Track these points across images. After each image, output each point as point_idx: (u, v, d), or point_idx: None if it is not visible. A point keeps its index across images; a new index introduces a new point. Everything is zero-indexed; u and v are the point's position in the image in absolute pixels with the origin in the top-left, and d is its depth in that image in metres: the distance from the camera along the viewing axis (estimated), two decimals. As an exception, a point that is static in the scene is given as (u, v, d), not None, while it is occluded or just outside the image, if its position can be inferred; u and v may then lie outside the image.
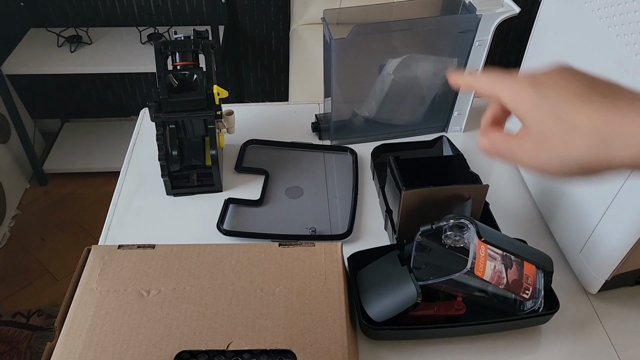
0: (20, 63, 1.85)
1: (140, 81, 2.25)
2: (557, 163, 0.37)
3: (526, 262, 0.63)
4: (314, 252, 0.65)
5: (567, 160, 0.37)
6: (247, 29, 2.12)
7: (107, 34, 2.00)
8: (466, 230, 0.62)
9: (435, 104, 0.93)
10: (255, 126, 0.98)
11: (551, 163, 0.38)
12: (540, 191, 0.80)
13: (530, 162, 0.39)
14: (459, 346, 0.64)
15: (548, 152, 0.38)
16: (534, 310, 0.62)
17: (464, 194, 0.69)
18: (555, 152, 0.37)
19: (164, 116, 0.77)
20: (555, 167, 0.38)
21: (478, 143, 0.44)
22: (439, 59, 0.87)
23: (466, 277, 0.59)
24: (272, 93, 2.33)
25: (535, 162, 0.39)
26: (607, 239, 0.64)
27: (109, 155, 2.17)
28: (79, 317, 0.58)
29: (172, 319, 0.57)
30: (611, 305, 0.69)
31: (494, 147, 0.42)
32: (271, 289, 0.61)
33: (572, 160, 0.36)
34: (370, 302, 0.63)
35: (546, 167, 0.38)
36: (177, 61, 0.81)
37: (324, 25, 0.81)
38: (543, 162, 0.38)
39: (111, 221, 0.80)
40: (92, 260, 0.64)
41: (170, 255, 0.64)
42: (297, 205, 0.83)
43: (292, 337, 0.56)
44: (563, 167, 0.37)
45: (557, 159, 0.37)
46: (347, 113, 0.93)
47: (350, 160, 0.91)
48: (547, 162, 0.38)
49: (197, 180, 0.84)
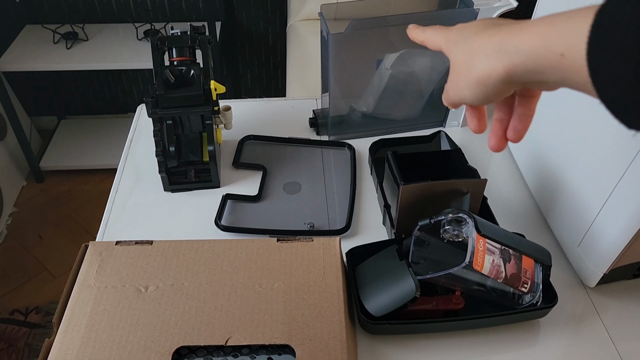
0: (16, 60, 1.84)
1: (137, 78, 2.24)
2: (465, 85, 0.44)
3: (524, 256, 0.63)
4: (313, 248, 0.64)
5: (470, 80, 0.44)
6: (244, 24, 2.11)
7: (104, 31, 1.99)
8: (464, 225, 0.62)
9: (433, 98, 0.93)
10: (252, 122, 0.97)
11: (461, 86, 0.45)
12: (538, 185, 0.80)
13: (452, 92, 0.47)
14: (458, 340, 0.64)
15: (458, 77, 0.45)
16: (532, 304, 0.63)
17: (462, 188, 0.69)
18: (463, 75, 0.45)
19: (161, 112, 0.76)
20: (464, 89, 0.45)
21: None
22: (437, 53, 0.86)
23: (465, 271, 0.59)
24: (269, 89, 2.32)
25: (454, 90, 0.47)
26: (605, 233, 0.64)
27: (106, 153, 2.16)
28: (77, 313, 0.57)
29: (170, 315, 0.57)
30: (609, 298, 0.69)
31: (443, 94, 0.51)
32: (269, 284, 0.60)
33: (473, 79, 0.43)
34: (368, 297, 0.63)
35: (460, 92, 0.46)
36: (174, 57, 0.81)
37: (321, 20, 0.80)
38: (458, 88, 0.46)
39: (109, 218, 0.80)
40: (90, 257, 0.63)
41: (168, 251, 0.64)
42: (295, 201, 0.83)
43: (291, 332, 0.56)
44: (469, 87, 0.44)
45: (464, 81, 0.44)
46: (345, 108, 0.93)
47: (348, 155, 0.91)
48: (459, 86, 0.45)
49: (194, 176, 0.83)
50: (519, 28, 0.40)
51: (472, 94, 0.44)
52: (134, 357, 0.54)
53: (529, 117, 0.48)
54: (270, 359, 0.56)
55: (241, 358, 0.56)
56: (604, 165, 0.63)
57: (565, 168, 0.71)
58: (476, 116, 0.51)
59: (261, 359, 0.56)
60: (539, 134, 0.78)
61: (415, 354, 0.63)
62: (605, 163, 0.63)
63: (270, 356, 0.56)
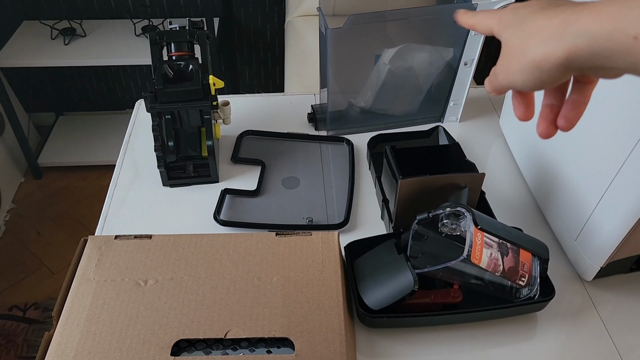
0: (14, 56, 1.84)
1: (135, 74, 2.24)
2: (517, 69, 0.42)
3: (522, 249, 0.63)
4: (311, 242, 0.65)
5: (524, 63, 0.41)
6: (242, 21, 2.11)
7: (101, 27, 1.98)
8: (463, 219, 0.63)
9: (431, 94, 0.93)
10: (251, 117, 0.98)
11: (512, 70, 0.42)
12: (536, 180, 0.80)
13: (501, 75, 0.44)
14: (456, 333, 0.65)
15: (510, 60, 0.42)
16: (529, 298, 0.63)
17: (460, 182, 0.69)
18: (516, 58, 0.42)
19: (159, 107, 0.76)
20: (516, 73, 0.42)
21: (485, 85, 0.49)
22: (435, 48, 0.87)
23: (463, 265, 0.59)
24: (267, 85, 2.32)
25: (504, 74, 0.44)
26: (602, 227, 0.64)
27: (104, 149, 2.16)
28: (76, 307, 0.58)
29: (169, 308, 0.57)
30: (606, 292, 0.70)
31: (488, 78, 0.47)
32: (268, 278, 0.61)
33: (527, 62, 0.40)
34: (367, 290, 0.64)
35: (511, 76, 0.43)
36: (173, 51, 0.81)
37: (320, 15, 0.80)
38: (509, 72, 0.43)
39: (107, 212, 0.80)
40: (89, 251, 0.64)
41: (167, 245, 0.64)
42: (294, 196, 0.83)
43: (290, 325, 0.56)
44: (522, 71, 0.41)
45: (516, 65, 0.42)
46: (343, 103, 0.93)
47: (346, 150, 0.91)
48: (510, 70, 0.43)
49: (193, 171, 0.83)
50: (584, 8, 0.37)
51: (525, 78, 0.41)
52: (133, 350, 0.54)
53: (583, 105, 0.45)
54: (269, 352, 0.56)
55: (240, 351, 0.56)
56: (601, 160, 0.63)
57: (562, 162, 0.72)
58: (524, 103, 0.48)
59: (260, 352, 0.56)
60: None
61: (413, 347, 0.64)
62: (603, 158, 0.63)
63: (269, 349, 0.57)
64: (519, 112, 0.48)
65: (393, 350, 0.63)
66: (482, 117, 0.98)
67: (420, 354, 0.63)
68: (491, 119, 0.98)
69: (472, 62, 0.88)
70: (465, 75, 0.90)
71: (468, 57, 0.87)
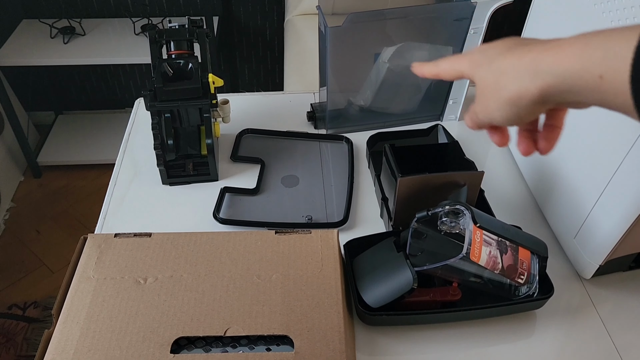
0: (13, 55, 1.83)
1: (134, 73, 2.24)
2: (495, 106, 0.43)
3: (521, 247, 0.63)
4: (311, 240, 0.65)
5: (501, 101, 0.42)
6: (241, 20, 2.11)
7: (101, 25, 1.98)
8: (462, 217, 0.63)
9: (431, 92, 0.94)
10: (250, 116, 0.98)
11: (491, 108, 0.44)
12: (535, 178, 0.81)
13: (481, 114, 0.46)
14: (455, 331, 0.65)
15: (487, 99, 0.44)
16: (528, 295, 0.63)
17: (459, 180, 0.69)
18: (492, 97, 0.43)
19: (159, 105, 0.77)
20: (495, 110, 0.44)
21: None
22: (434, 47, 0.87)
23: (462, 263, 0.59)
24: (266, 84, 2.32)
25: (483, 113, 0.45)
26: (600, 225, 0.64)
27: (103, 148, 2.16)
28: (76, 305, 0.58)
29: (169, 306, 0.58)
30: (605, 290, 0.70)
31: (468, 115, 0.49)
32: (268, 275, 0.61)
33: (503, 100, 0.42)
34: (366, 288, 0.64)
35: (490, 114, 0.44)
36: (172, 50, 0.81)
37: (319, 14, 0.81)
38: (488, 111, 0.44)
39: (107, 211, 0.80)
40: (89, 249, 0.64)
41: (167, 243, 0.64)
42: (293, 194, 0.83)
43: (289, 323, 0.56)
44: (500, 109, 0.43)
45: (494, 103, 0.43)
46: (343, 102, 0.93)
47: (345, 149, 0.91)
48: (489, 108, 0.44)
49: (192, 169, 0.84)
50: (551, 47, 0.38)
51: (504, 115, 0.43)
52: (133, 348, 0.54)
53: (558, 129, 0.46)
54: (268, 349, 0.56)
55: (240, 349, 0.56)
56: (599, 159, 0.64)
57: (561, 161, 0.72)
58: (498, 132, 0.49)
59: (260, 349, 0.56)
60: (536, 127, 0.78)
61: (412, 345, 0.64)
62: (601, 156, 0.63)
63: (269, 347, 0.57)
64: (496, 140, 0.50)
65: (392, 348, 0.63)
66: (482, 116, 0.98)
67: (419, 352, 0.63)
68: (490, 118, 0.98)
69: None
70: (464, 73, 0.90)
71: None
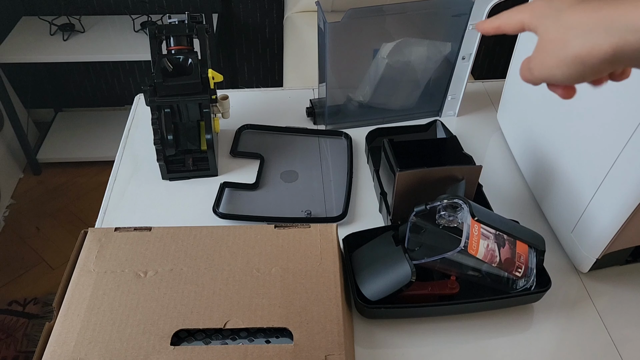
0: (13, 52, 1.83)
1: (134, 70, 2.24)
2: (555, 63, 0.40)
3: (519, 241, 0.63)
4: (310, 234, 0.65)
5: (565, 59, 0.39)
6: (240, 17, 2.11)
7: (100, 22, 1.98)
8: (460, 210, 0.63)
9: (429, 88, 0.94)
10: (250, 111, 0.98)
11: (550, 64, 0.41)
12: (533, 172, 0.81)
13: (537, 70, 0.43)
14: (453, 324, 0.65)
15: (547, 54, 0.41)
16: (526, 289, 0.64)
17: (457, 174, 0.70)
18: (554, 53, 0.40)
19: (159, 100, 0.77)
20: (555, 67, 0.41)
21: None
22: (433, 43, 0.88)
23: (460, 256, 0.59)
24: (266, 81, 2.32)
25: (540, 68, 0.42)
26: (598, 219, 0.65)
27: (103, 145, 2.16)
28: (77, 298, 0.58)
29: (169, 299, 0.58)
30: (602, 283, 0.70)
31: (521, 72, 0.46)
32: (267, 269, 0.61)
33: (569, 57, 0.39)
34: (365, 282, 0.64)
35: (548, 70, 0.41)
36: (172, 45, 0.81)
37: (318, 10, 0.81)
38: (546, 66, 0.41)
39: (107, 206, 0.80)
40: (89, 243, 0.64)
41: (167, 237, 0.65)
42: (292, 189, 0.83)
43: (288, 315, 0.57)
44: (562, 66, 0.40)
45: (554, 59, 0.40)
46: (342, 98, 0.94)
47: (344, 144, 0.91)
48: (547, 64, 0.41)
49: (192, 164, 0.84)
50: (631, 2, 0.36)
51: (566, 73, 0.40)
52: (133, 340, 0.54)
53: (624, 76, 0.43)
54: (268, 342, 0.57)
55: (239, 341, 0.57)
56: (596, 153, 0.64)
57: (559, 155, 0.72)
58: (561, 86, 0.45)
59: (259, 342, 0.57)
60: (533, 122, 0.79)
61: (410, 338, 0.64)
62: (598, 150, 0.64)
63: (268, 339, 0.57)
64: (560, 93, 0.46)
65: (391, 341, 0.64)
66: (480, 112, 0.99)
67: (417, 345, 0.64)
68: (489, 113, 0.98)
69: (470, 57, 0.89)
70: (463, 69, 0.90)
71: (466, 52, 0.88)
